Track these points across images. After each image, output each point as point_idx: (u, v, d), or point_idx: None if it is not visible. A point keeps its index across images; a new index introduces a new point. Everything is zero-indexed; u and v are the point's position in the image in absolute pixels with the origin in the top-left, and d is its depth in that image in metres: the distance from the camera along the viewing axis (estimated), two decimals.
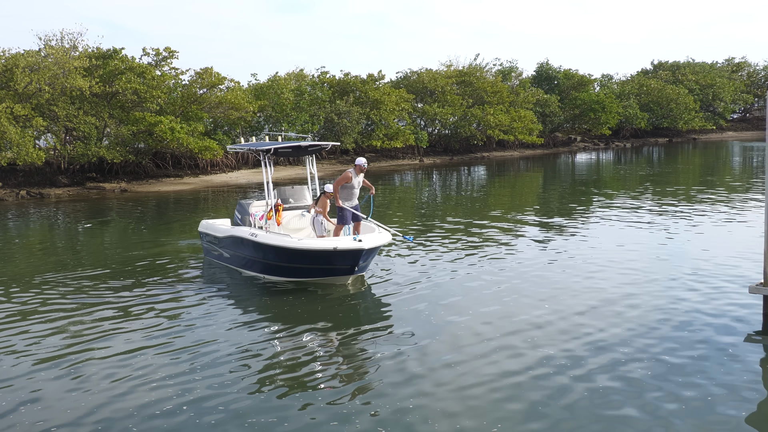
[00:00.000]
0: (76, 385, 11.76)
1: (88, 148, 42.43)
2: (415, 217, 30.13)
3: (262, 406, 10.80)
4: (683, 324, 14.35)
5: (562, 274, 18.83)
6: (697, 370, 11.94)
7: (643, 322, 14.50)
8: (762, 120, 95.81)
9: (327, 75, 63.07)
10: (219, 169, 50.70)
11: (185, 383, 11.70)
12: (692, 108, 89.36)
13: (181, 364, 12.62)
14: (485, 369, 12.12)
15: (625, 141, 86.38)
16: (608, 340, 13.48)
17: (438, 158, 65.27)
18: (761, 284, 14.66)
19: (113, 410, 10.78)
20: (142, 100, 45.14)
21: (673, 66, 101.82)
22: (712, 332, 13.82)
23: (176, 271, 20.28)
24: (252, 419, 10.37)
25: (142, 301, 16.85)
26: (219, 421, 10.34)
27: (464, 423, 10.15)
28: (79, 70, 43.13)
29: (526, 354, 12.79)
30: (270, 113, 54.60)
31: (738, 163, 59.18)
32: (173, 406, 10.86)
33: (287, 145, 20.23)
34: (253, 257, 18.94)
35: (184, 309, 16.16)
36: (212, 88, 49.54)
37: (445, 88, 67.12)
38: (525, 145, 74.23)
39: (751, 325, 14.25)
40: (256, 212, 20.45)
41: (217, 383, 11.68)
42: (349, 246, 17.15)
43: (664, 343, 13.28)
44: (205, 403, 10.94)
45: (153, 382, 11.76)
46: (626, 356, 12.61)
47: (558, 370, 12.03)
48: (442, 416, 10.37)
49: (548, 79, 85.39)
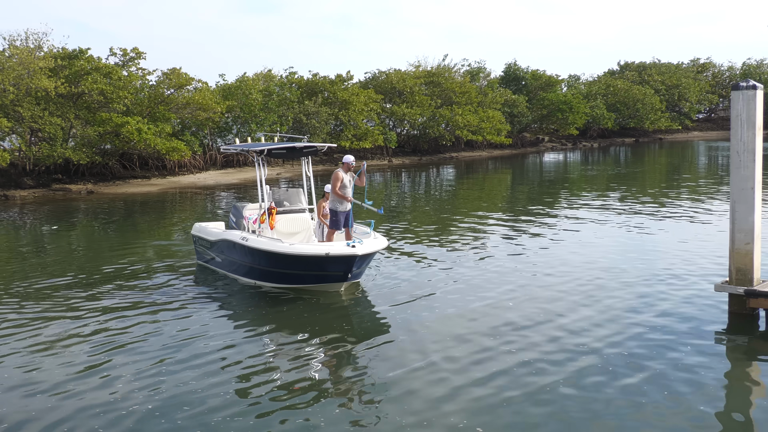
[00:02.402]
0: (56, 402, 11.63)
1: (53, 150, 41.99)
2: (387, 219, 30.13)
3: (247, 415, 10.63)
4: (649, 322, 14.45)
5: (533, 276, 18.90)
6: (663, 368, 12.02)
7: (608, 321, 14.59)
8: (726, 120, 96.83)
9: (295, 75, 62.95)
10: (187, 170, 50.39)
11: (163, 390, 11.54)
12: (658, 108, 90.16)
13: (160, 369, 12.45)
14: (475, 374, 12.14)
15: (592, 141, 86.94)
16: (575, 340, 13.55)
17: (407, 159, 65.32)
18: (726, 282, 14.83)
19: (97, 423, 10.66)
20: (108, 101, 44.74)
21: (639, 66, 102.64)
22: (678, 330, 13.93)
23: (157, 276, 19.75)
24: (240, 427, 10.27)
25: (120, 309, 16.40)
26: (204, 428, 10.25)
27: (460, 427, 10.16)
28: (45, 71, 42.67)
29: (501, 359, 12.83)
30: (238, 114, 54.38)
31: (703, 162, 59.80)
32: (157, 415, 10.73)
33: (281, 147, 19.77)
34: (244, 262, 18.40)
35: (169, 314, 15.79)
36: (180, 88, 49.24)
37: (413, 89, 67.19)
38: (493, 146, 74.48)
39: (717, 323, 14.39)
40: (249, 215, 19.69)
41: (200, 388, 11.54)
42: (342, 252, 16.50)
43: (629, 341, 13.37)
44: (186, 411, 10.76)
45: (132, 393, 11.49)
46: (592, 355, 12.68)
47: (529, 372, 12.07)
48: (435, 422, 10.34)
49: (516, 79, 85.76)
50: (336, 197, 18.10)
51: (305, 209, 20.56)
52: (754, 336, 13.94)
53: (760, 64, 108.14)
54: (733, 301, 14.68)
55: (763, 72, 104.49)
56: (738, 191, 14.51)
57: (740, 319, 14.42)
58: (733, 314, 14.62)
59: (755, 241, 14.43)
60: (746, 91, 14.23)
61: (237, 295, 17.65)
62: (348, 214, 18.33)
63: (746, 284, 14.44)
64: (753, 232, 14.40)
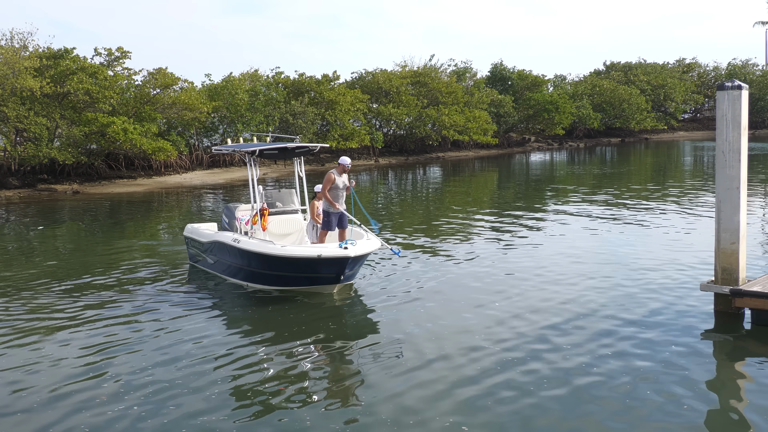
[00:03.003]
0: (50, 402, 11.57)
1: (39, 150, 41.77)
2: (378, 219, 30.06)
3: (239, 417, 10.59)
4: (634, 321, 14.50)
5: (522, 276, 18.92)
6: (649, 367, 12.08)
7: (594, 320, 14.64)
8: (712, 120, 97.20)
9: (282, 75, 62.82)
10: (173, 170, 50.23)
11: (152, 392, 11.49)
12: (644, 108, 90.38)
13: (150, 371, 12.38)
14: (468, 373, 12.16)
15: (579, 141, 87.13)
16: (562, 339, 13.60)
17: (393, 158, 65.32)
18: (712, 282, 14.90)
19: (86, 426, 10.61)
20: (94, 101, 44.54)
21: (625, 67, 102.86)
22: (664, 329, 13.99)
23: (147, 278, 19.58)
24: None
25: (108, 312, 16.33)
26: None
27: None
28: (30, 71, 42.44)
29: (492, 358, 12.85)
30: (224, 114, 54.24)
31: (689, 162, 60.06)
32: (145, 418, 10.69)
33: (273, 147, 19.54)
34: (235, 264, 18.16)
35: (159, 316, 15.66)
36: (166, 88, 49.07)
37: (400, 89, 67.17)
38: (480, 146, 74.53)
39: (703, 322, 14.45)
40: (242, 216, 19.42)
41: (189, 391, 11.49)
42: (333, 253, 16.23)
43: (616, 341, 13.41)
44: (175, 413, 10.72)
45: (121, 395, 11.43)
46: (579, 353, 12.73)
47: (521, 373, 12.10)
48: (429, 422, 10.34)
49: (502, 79, 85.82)
50: (328, 198, 17.95)
51: (298, 210, 20.33)
52: (740, 335, 14.00)
53: (746, 65, 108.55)
54: (718, 301, 14.75)
55: (748, 72, 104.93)
56: (723, 191, 14.57)
57: (726, 319, 14.49)
58: (719, 313, 14.69)
59: (741, 241, 14.50)
60: (731, 91, 14.30)
61: (228, 297, 17.49)
62: (341, 215, 18.16)
63: (732, 284, 14.51)
64: (738, 232, 14.47)
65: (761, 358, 12.89)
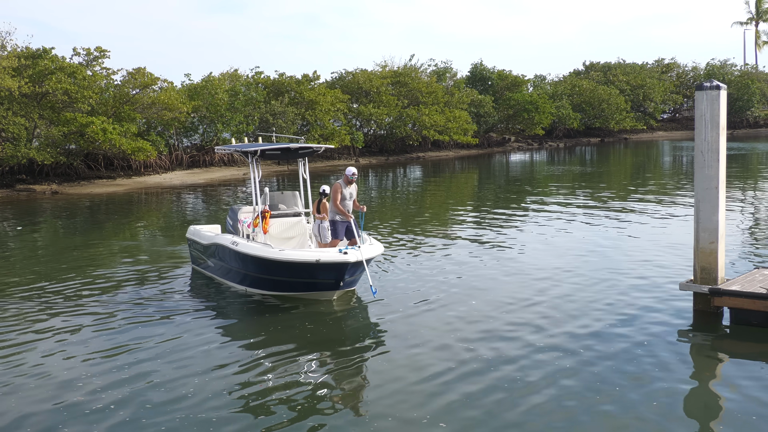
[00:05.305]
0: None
1: (17, 150, 41.48)
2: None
3: (237, 422, 10.50)
4: (614, 321, 14.58)
5: (505, 278, 19.00)
6: (628, 366, 12.15)
7: (574, 320, 14.71)
8: (691, 120, 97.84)
9: (261, 75, 62.65)
10: (152, 170, 50.00)
11: (150, 397, 11.39)
12: (623, 108, 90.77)
13: (148, 377, 12.25)
14: (463, 371, 12.18)
15: (558, 141, 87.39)
16: (544, 340, 13.64)
17: (374, 159, 65.31)
18: (691, 281, 14.99)
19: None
20: (73, 101, 44.28)
21: (604, 67, 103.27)
22: (643, 328, 14.07)
23: (144, 282, 19.17)
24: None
25: (100, 315, 16.13)
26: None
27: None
28: (8, 70, 42.12)
29: (483, 362, 12.87)
30: (204, 114, 54.05)
31: (668, 162, 60.38)
32: (144, 421, 10.63)
33: (276, 147, 19.05)
34: (234, 268, 17.71)
35: (155, 321, 15.42)
36: (145, 88, 48.84)
37: (380, 89, 67.15)
38: (460, 146, 74.61)
39: (682, 321, 14.54)
40: (244, 218, 18.95)
41: (186, 395, 11.41)
42: (333, 259, 15.68)
43: (595, 340, 13.48)
44: (172, 418, 10.63)
45: (120, 400, 11.29)
46: (558, 354, 12.78)
47: (506, 377, 12.14)
48: (426, 423, 10.35)
49: (482, 79, 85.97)
50: (339, 208, 17.53)
51: (301, 213, 19.76)
52: (718, 334, 14.11)
53: (724, 65, 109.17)
54: (697, 300, 14.85)
55: (726, 72, 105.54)
56: (702, 190, 14.67)
57: (705, 318, 14.59)
58: (698, 312, 14.79)
59: (719, 240, 14.60)
60: (710, 91, 14.39)
61: (226, 302, 17.13)
62: (349, 225, 17.65)
63: (711, 283, 14.61)
64: (717, 232, 14.57)
65: (739, 357, 12.99)
